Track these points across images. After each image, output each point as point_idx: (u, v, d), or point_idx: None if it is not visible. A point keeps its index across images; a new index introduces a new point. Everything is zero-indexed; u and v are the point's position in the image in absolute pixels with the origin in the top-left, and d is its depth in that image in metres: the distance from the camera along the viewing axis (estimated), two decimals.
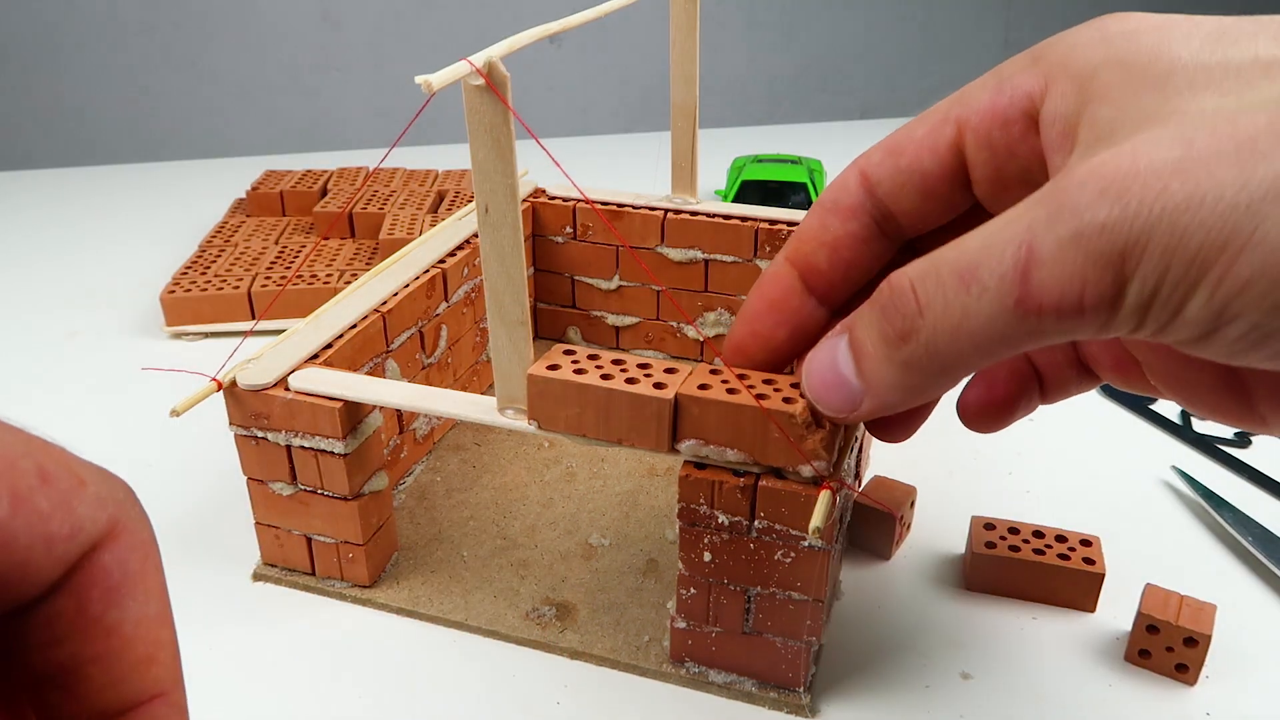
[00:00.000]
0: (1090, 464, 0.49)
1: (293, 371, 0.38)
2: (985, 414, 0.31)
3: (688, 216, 0.52)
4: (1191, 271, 0.19)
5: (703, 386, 0.31)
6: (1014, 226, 0.22)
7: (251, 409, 0.37)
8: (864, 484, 0.44)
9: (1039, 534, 0.40)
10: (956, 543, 0.43)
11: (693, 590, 0.35)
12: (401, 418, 0.46)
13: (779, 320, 0.31)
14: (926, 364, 0.24)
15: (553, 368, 0.32)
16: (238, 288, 0.62)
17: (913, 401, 0.26)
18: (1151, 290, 0.20)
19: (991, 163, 0.26)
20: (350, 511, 0.38)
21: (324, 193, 0.77)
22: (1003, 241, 0.22)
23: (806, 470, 0.30)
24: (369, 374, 0.42)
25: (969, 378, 0.31)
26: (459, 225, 0.52)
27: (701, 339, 0.56)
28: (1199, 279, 0.19)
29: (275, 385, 0.37)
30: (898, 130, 0.28)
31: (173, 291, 0.62)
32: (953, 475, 0.48)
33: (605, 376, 0.32)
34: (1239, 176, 0.19)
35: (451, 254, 0.49)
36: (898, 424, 0.31)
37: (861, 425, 0.35)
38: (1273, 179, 0.19)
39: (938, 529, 0.44)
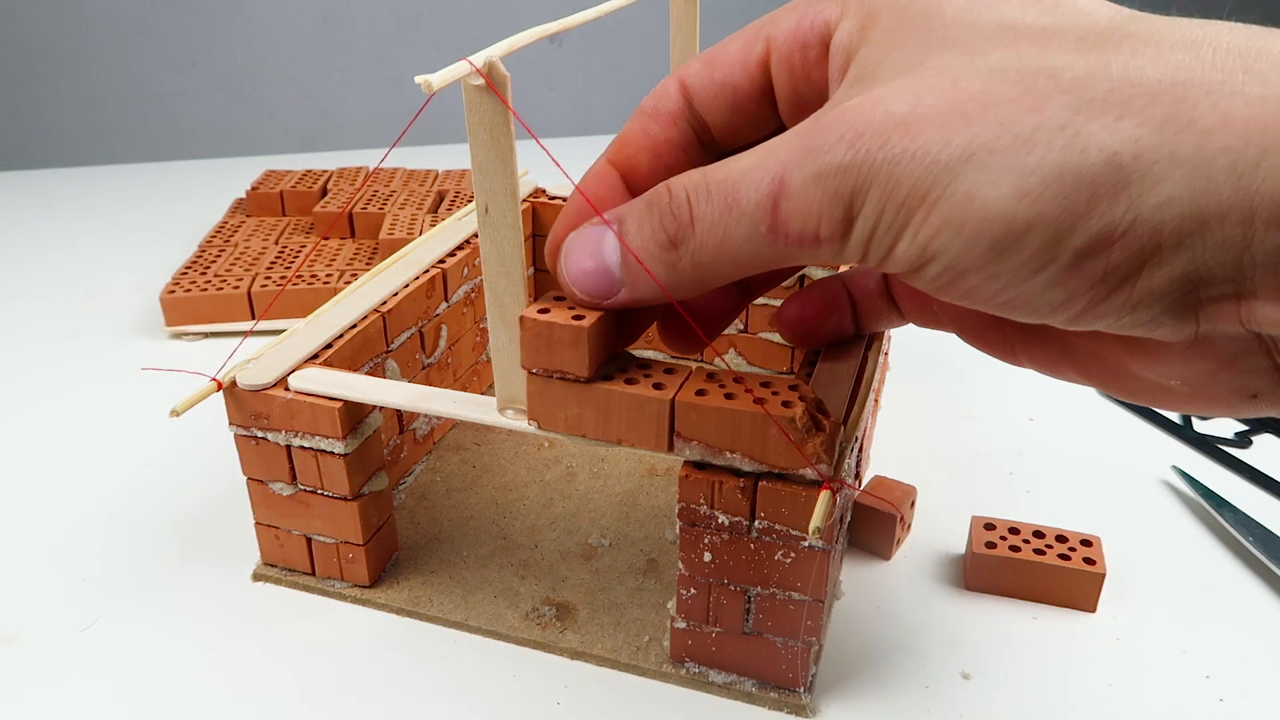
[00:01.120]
0: (1090, 464, 0.49)
1: (293, 371, 0.38)
2: (799, 329, 0.35)
3: None
4: (900, 216, 0.22)
5: (700, 393, 0.31)
6: (772, 158, 0.24)
7: (251, 409, 0.37)
8: (864, 484, 0.44)
9: (1039, 534, 0.40)
10: (956, 543, 0.43)
11: (693, 590, 0.35)
12: (401, 418, 0.46)
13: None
14: (689, 271, 0.26)
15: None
16: (238, 288, 0.62)
17: (663, 299, 0.28)
18: (870, 229, 0.23)
19: (790, 84, 0.28)
20: (350, 511, 0.38)
21: (324, 193, 0.77)
22: (761, 170, 0.24)
23: (807, 472, 0.30)
24: (369, 374, 0.42)
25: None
26: (459, 225, 0.52)
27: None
28: (905, 223, 0.22)
29: (275, 385, 0.37)
30: (717, 44, 0.30)
31: (173, 291, 0.62)
32: (953, 475, 0.48)
33: (605, 377, 0.32)
34: (944, 137, 0.21)
35: (451, 254, 0.49)
36: (691, 335, 0.33)
37: (860, 427, 0.35)
38: (967, 143, 0.21)
39: (938, 529, 0.44)
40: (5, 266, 0.74)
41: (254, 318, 0.62)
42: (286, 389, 0.37)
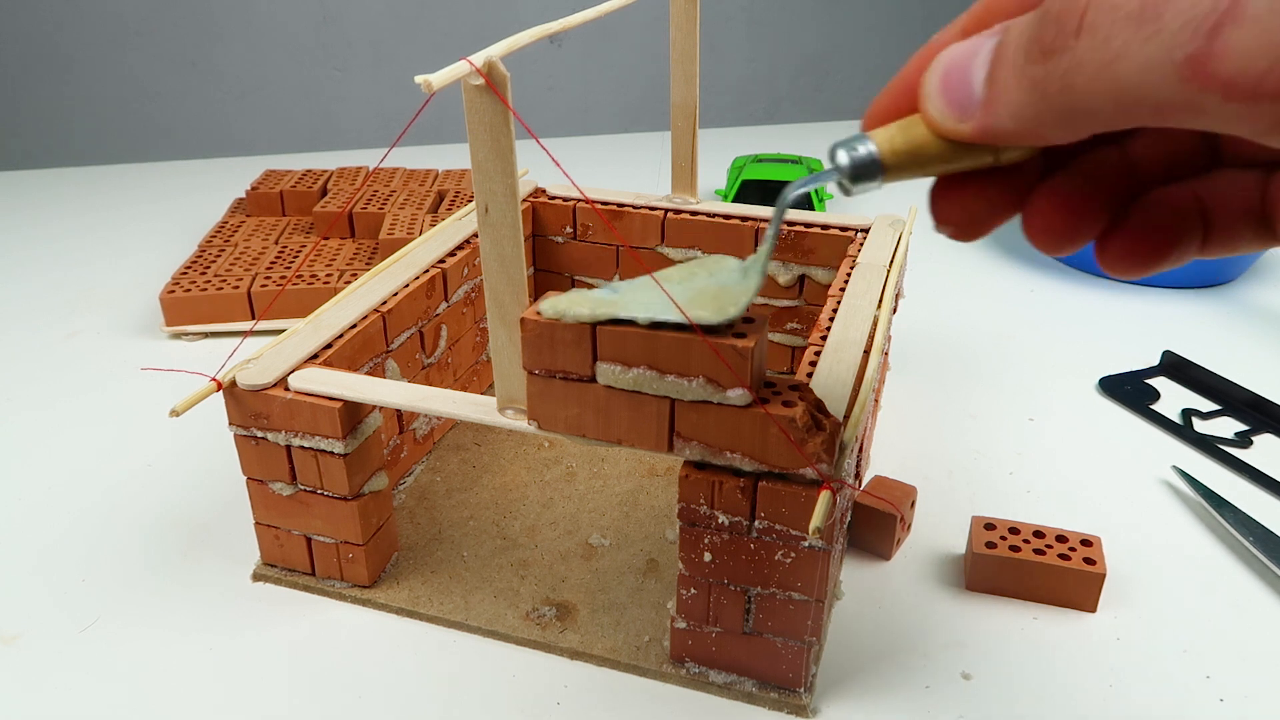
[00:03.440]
0: (1090, 464, 0.49)
1: (293, 371, 0.38)
2: (1128, 261, 0.25)
3: (688, 216, 0.52)
4: None
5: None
6: None
7: (251, 409, 0.37)
8: (864, 484, 0.44)
9: (1039, 534, 0.40)
10: (956, 543, 0.43)
11: (693, 590, 0.35)
12: (401, 418, 0.46)
13: None
14: (1054, 95, 0.20)
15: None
16: (237, 288, 0.62)
17: (1025, 137, 0.22)
18: None
19: None
20: (350, 511, 0.38)
21: (324, 192, 0.77)
22: None
23: (808, 472, 0.30)
24: (369, 374, 0.42)
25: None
26: (459, 225, 0.52)
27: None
28: None
29: (275, 385, 0.37)
30: None
31: (172, 291, 0.62)
32: (953, 475, 0.48)
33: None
34: None
35: (451, 254, 0.49)
36: (973, 222, 0.26)
37: (861, 425, 0.35)
38: None
39: (938, 529, 0.44)
40: (5, 266, 0.74)
41: (254, 318, 0.62)
42: (286, 389, 0.37)
